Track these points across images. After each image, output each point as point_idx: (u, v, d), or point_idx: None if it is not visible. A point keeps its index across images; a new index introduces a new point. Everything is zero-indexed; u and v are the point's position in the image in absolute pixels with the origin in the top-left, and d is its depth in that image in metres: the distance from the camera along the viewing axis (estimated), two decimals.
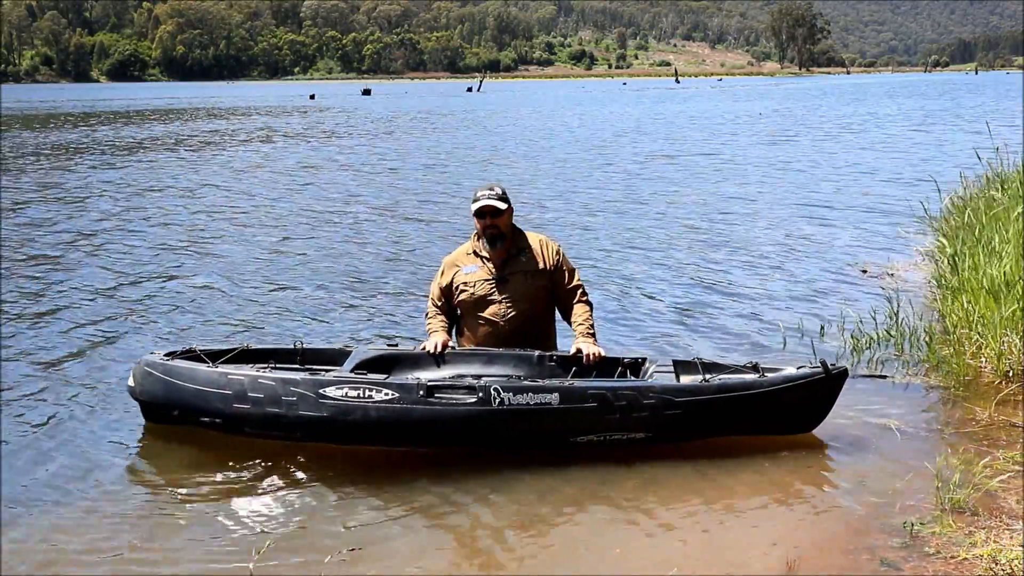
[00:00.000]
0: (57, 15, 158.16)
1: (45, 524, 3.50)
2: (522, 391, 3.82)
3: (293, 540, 3.34)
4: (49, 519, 3.54)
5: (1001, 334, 4.85)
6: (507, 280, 4.41)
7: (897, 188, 12.81)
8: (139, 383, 4.20)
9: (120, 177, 15.77)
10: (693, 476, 3.80)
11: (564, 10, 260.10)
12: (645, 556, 3.23)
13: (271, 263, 8.43)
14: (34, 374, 5.25)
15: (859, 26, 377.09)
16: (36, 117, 38.48)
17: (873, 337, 5.49)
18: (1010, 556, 3.02)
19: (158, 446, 4.21)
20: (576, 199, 12.44)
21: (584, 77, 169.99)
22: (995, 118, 23.65)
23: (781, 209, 11.25)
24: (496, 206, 4.37)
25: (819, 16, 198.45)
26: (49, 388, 4.99)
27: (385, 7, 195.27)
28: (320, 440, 3.96)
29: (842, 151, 18.98)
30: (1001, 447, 3.97)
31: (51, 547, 3.33)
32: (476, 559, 3.25)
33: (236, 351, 4.34)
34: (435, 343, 4.35)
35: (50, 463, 4.04)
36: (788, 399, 3.95)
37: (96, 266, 8.33)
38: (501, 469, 3.83)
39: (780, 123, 29.39)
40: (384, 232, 10.07)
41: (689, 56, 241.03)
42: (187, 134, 27.32)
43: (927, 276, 6.95)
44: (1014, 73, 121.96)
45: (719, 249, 8.79)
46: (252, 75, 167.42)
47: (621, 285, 7.35)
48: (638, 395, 3.86)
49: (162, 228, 10.40)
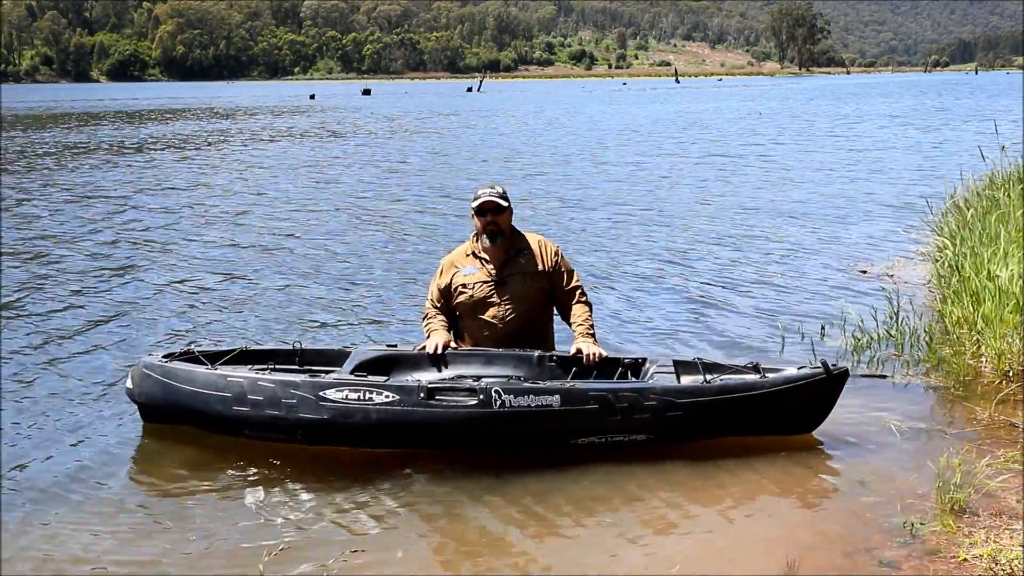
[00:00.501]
0: (57, 15, 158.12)
1: (45, 525, 3.49)
2: (523, 393, 3.81)
3: (293, 541, 3.33)
4: (49, 520, 3.54)
5: (1001, 334, 4.85)
6: (506, 282, 4.40)
7: (897, 188, 12.82)
8: (137, 385, 4.18)
9: (120, 177, 15.77)
10: (693, 476, 3.80)
11: (564, 10, 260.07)
12: (646, 556, 3.23)
13: (270, 263, 8.43)
14: (33, 375, 5.24)
15: (859, 26, 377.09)
16: (38, 117, 38.47)
17: (873, 337, 5.49)
18: (1010, 556, 3.02)
19: (158, 448, 4.20)
20: (575, 199, 12.44)
21: (584, 77, 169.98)
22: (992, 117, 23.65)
23: (781, 209, 11.25)
24: (498, 202, 4.37)
25: (819, 16, 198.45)
26: (48, 390, 4.98)
27: (385, 7, 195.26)
28: (320, 443, 3.94)
29: (841, 151, 18.97)
30: (1001, 447, 3.97)
31: (51, 548, 3.33)
32: (477, 560, 3.25)
33: (235, 352, 4.33)
34: (435, 343, 4.33)
35: (49, 464, 4.03)
36: (789, 400, 3.94)
37: (94, 267, 8.33)
38: (502, 470, 3.83)
39: (780, 123, 29.41)
40: (384, 232, 10.08)
41: (689, 56, 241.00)
42: (187, 134, 27.32)
43: (927, 276, 6.95)
44: (1014, 73, 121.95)
45: (719, 249, 8.79)
46: (252, 75, 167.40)
47: (620, 285, 7.36)
48: (639, 397, 3.85)
49: (162, 229, 10.40)
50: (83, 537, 3.40)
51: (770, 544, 3.26)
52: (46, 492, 3.77)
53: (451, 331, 4.52)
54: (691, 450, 3.95)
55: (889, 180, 13.79)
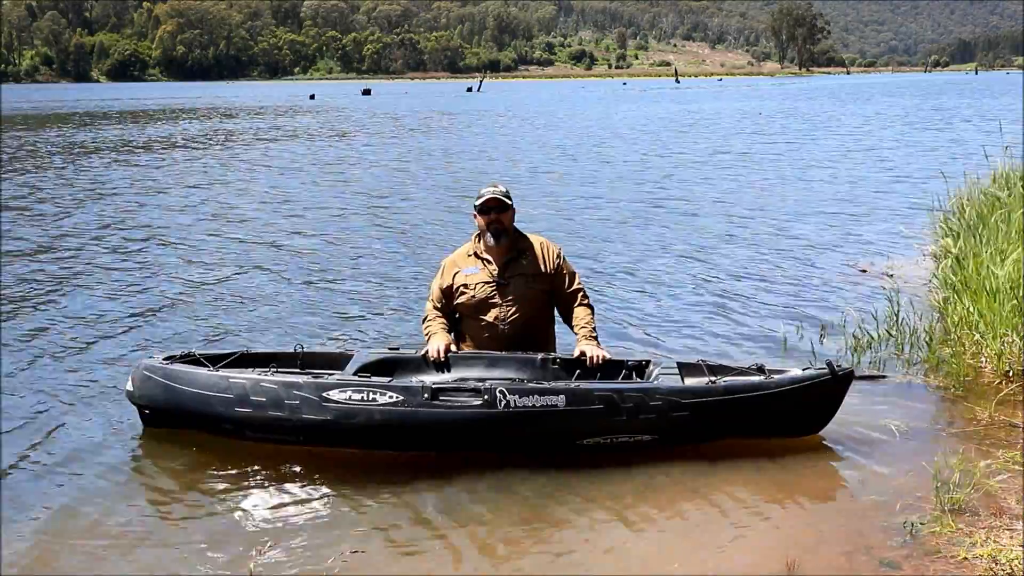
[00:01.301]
0: (57, 15, 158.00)
1: (44, 525, 3.50)
2: (528, 393, 3.80)
3: (294, 541, 3.34)
4: (49, 520, 3.54)
5: (1001, 334, 4.86)
6: (508, 283, 4.39)
7: (898, 187, 12.83)
8: (138, 387, 4.17)
9: (121, 178, 15.77)
10: (693, 475, 3.80)
11: (564, 10, 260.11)
12: (646, 555, 3.24)
13: (271, 265, 8.43)
14: (33, 375, 5.24)
15: (859, 26, 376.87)
16: (37, 117, 38.47)
17: (873, 337, 5.49)
18: (1010, 556, 3.03)
19: (158, 450, 4.20)
20: (576, 199, 12.45)
21: (584, 77, 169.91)
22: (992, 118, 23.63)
23: (781, 209, 11.25)
24: (502, 200, 4.38)
25: (819, 16, 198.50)
26: (48, 390, 4.98)
27: (385, 7, 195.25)
28: (323, 444, 3.93)
29: (841, 150, 18.97)
30: (1001, 447, 3.97)
31: (51, 548, 3.34)
32: (477, 560, 3.25)
33: (236, 355, 4.32)
34: (436, 346, 4.30)
35: (49, 466, 4.04)
36: (794, 401, 3.93)
37: (96, 268, 8.33)
38: (503, 470, 3.83)
39: (780, 123, 29.40)
40: (385, 232, 10.07)
41: (689, 56, 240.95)
42: (188, 135, 27.31)
43: (927, 276, 6.96)
44: (1014, 73, 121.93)
45: (720, 250, 8.79)
46: (252, 75, 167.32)
47: (620, 286, 7.36)
48: (645, 397, 3.84)
49: (162, 230, 10.40)
50: (82, 537, 3.40)
51: (770, 544, 3.27)
52: (46, 492, 3.78)
53: (451, 333, 4.50)
54: (691, 450, 3.96)
55: (889, 180, 13.79)
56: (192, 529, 3.47)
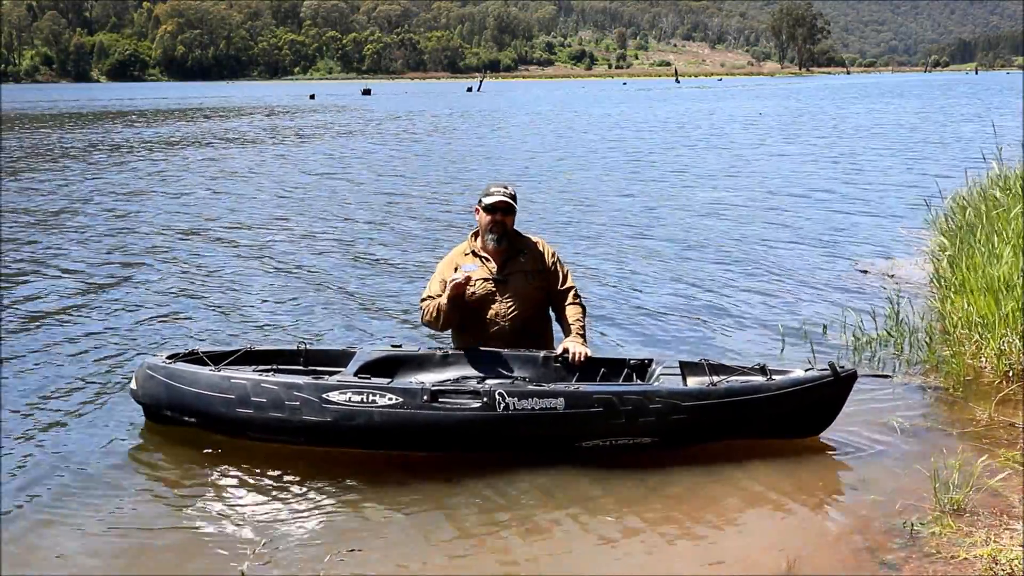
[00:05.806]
0: (57, 15, 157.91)
1: (45, 524, 3.51)
2: (527, 396, 3.79)
3: (292, 540, 3.34)
4: (49, 519, 3.55)
5: (1001, 334, 4.86)
6: (507, 280, 4.42)
7: (897, 187, 12.82)
8: (141, 386, 4.19)
9: (122, 178, 15.77)
10: (694, 476, 3.81)
11: (564, 10, 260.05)
12: (646, 555, 3.24)
13: (276, 263, 8.43)
14: (36, 375, 5.25)
15: (859, 26, 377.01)
16: (39, 117, 38.46)
17: (873, 337, 5.49)
18: (1010, 556, 3.03)
19: (159, 449, 4.21)
20: (576, 200, 12.45)
21: (584, 77, 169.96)
22: (993, 117, 23.65)
23: (781, 209, 11.25)
24: (511, 203, 4.40)
25: (819, 16, 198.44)
26: (52, 389, 4.99)
27: (385, 7, 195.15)
28: (323, 445, 3.94)
29: (841, 150, 18.97)
30: (1001, 447, 3.98)
31: (51, 547, 3.34)
32: (476, 560, 3.25)
33: (239, 353, 4.33)
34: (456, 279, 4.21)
35: (52, 464, 4.04)
36: (796, 403, 3.91)
37: (98, 267, 8.34)
38: (502, 471, 3.83)
39: (780, 122, 29.40)
40: (385, 233, 10.07)
41: (689, 56, 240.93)
42: (189, 135, 27.31)
43: (927, 276, 6.96)
44: (1014, 73, 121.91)
45: (720, 250, 8.79)
46: (252, 75, 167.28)
47: (623, 286, 7.36)
48: (644, 400, 3.82)
49: (164, 230, 10.40)
50: (82, 536, 3.41)
51: (770, 544, 3.27)
52: (47, 492, 3.78)
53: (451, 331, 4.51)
54: (691, 450, 3.95)
55: (890, 180, 13.78)
56: (192, 527, 3.47)
